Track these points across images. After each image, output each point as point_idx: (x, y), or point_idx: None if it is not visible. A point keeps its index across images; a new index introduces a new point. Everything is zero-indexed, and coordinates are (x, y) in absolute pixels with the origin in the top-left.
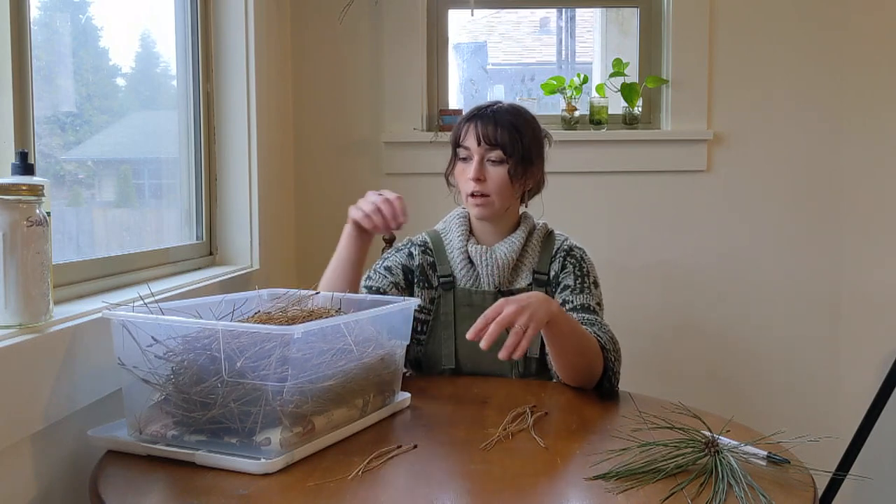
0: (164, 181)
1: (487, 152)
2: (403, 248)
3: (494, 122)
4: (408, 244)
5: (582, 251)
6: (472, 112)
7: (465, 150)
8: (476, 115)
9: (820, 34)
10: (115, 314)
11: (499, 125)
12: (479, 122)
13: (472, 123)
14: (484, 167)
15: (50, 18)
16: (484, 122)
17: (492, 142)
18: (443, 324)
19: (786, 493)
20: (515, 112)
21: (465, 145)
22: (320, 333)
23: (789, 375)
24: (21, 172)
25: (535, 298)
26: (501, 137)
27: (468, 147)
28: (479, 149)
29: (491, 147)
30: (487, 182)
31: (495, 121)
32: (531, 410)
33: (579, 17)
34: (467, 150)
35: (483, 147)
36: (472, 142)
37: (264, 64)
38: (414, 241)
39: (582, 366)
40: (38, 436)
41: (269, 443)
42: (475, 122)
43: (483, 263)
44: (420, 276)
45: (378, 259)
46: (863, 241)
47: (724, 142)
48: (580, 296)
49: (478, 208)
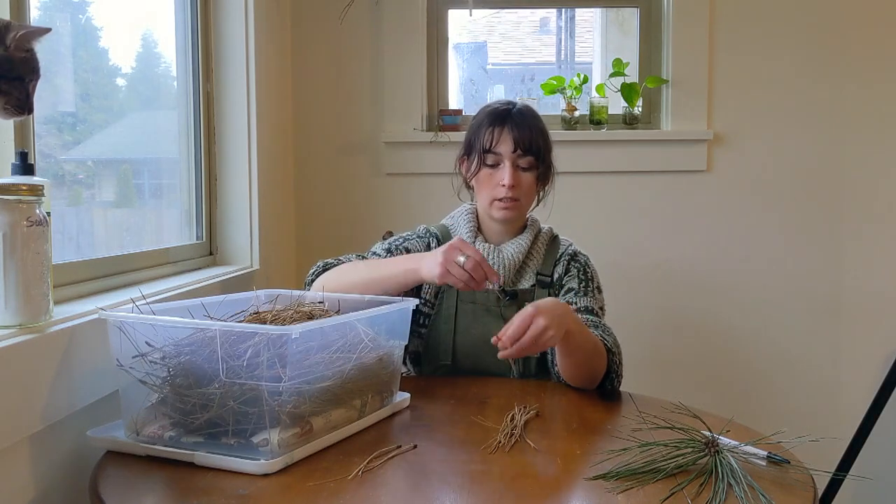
0: (164, 181)
1: (519, 159)
2: (424, 237)
3: (528, 128)
4: (426, 234)
5: (586, 257)
6: (495, 115)
7: (495, 156)
8: (503, 118)
9: (820, 34)
10: (111, 315)
11: (531, 131)
12: (513, 128)
13: (502, 128)
14: (518, 173)
15: (50, 18)
16: (518, 128)
17: (526, 148)
18: (444, 318)
19: (786, 493)
20: (535, 115)
21: (496, 151)
22: (318, 334)
23: (789, 375)
24: (21, 172)
25: (560, 311)
26: (535, 144)
27: (499, 153)
28: (512, 155)
29: (524, 153)
30: (518, 188)
31: (528, 127)
32: (522, 411)
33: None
34: (498, 155)
35: (517, 154)
36: (507, 148)
37: (264, 64)
38: (431, 232)
39: (587, 369)
40: (37, 436)
41: (266, 443)
42: (507, 127)
43: (489, 262)
44: None
45: (397, 235)
46: (863, 241)
47: (724, 142)
48: (584, 298)
49: (505, 211)
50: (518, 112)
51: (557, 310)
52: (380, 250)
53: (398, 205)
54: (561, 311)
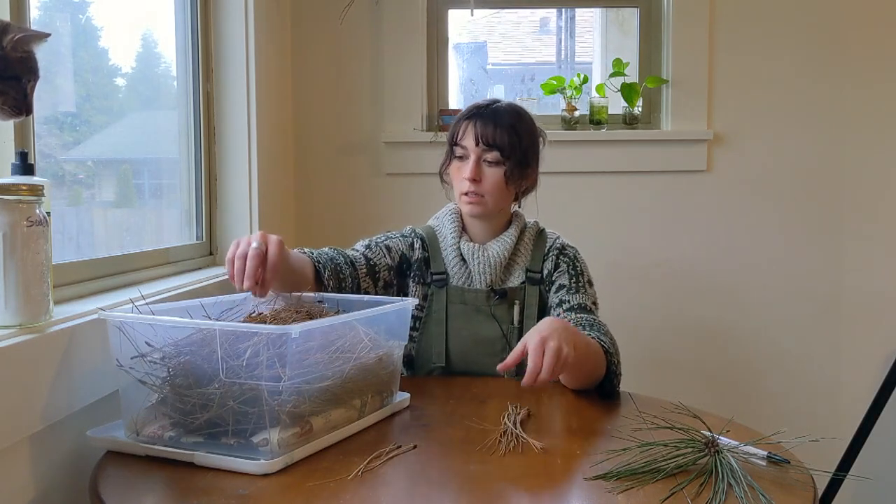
0: (164, 181)
1: (485, 153)
2: (408, 237)
3: (494, 123)
4: (412, 234)
5: (574, 250)
6: (471, 110)
7: (462, 149)
8: (475, 113)
9: (820, 34)
10: (111, 315)
11: (498, 126)
12: (479, 122)
13: (470, 122)
14: (480, 167)
15: (50, 18)
16: (483, 122)
17: (490, 143)
18: (435, 321)
19: (786, 493)
20: (515, 113)
21: (462, 144)
22: (318, 333)
23: (789, 375)
24: (21, 172)
25: (561, 327)
26: (500, 139)
27: (465, 146)
28: (476, 149)
29: (488, 148)
30: (482, 182)
31: (495, 122)
32: (515, 410)
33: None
34: (464, 148)
35: (480, 147)
36: (470, 141)
37: (264, 64)
38: (416, 233)
39: (588, 375)
40: (37, 436)
41: (266, 443)
42: (474, 122)
43: (475, 262)
44: (416, 270)
45: (381, 234)
46: (863, 241)
47: (724, 142)
48: (576, 295)
49: (470, 206)
50: (493, 109)
51: (558, 326)
52: (360, 246)
53: (398, 205)
54: (562, 327)
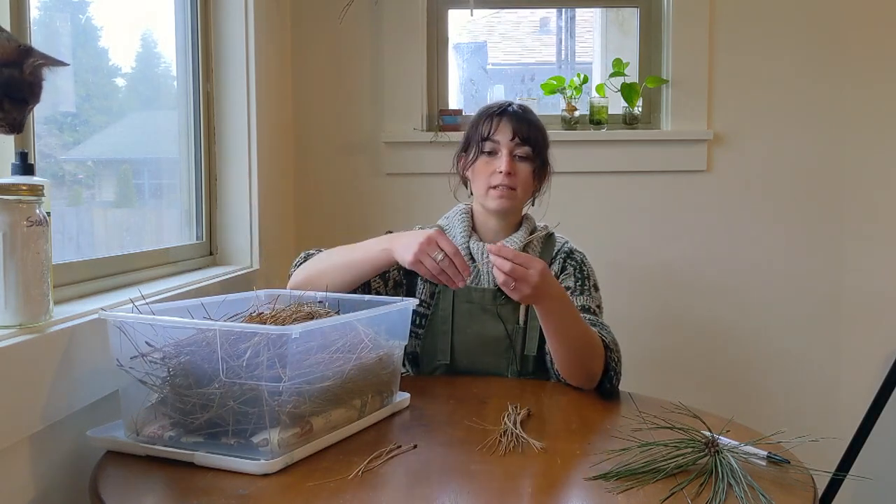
0: (164, 181)
1: (517, 147)
2: None
3: (526, 120)
4: None
5: (582, 255)
6: (494, 109)
7: (493, 144)
8: (503, 111)
9: (820, 34)
10: (111, 315)
11: (529, 123)
12: (512, 119)
13: (501, 119)
14: (514, 161)
15: (50, 18)
16: (517, 119)
17: (524, 138)
18: (441, 318)
19: (786, 493)
20: (533, 113)
21: (494, 139)
22: (318, 333)
23: (789, 375)
24: (21, 172)
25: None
26: (532, 135)
27: (498, 140)
28: (510, 143)
29: (522, 143)
30: (514, 176)
31: (526, 119)
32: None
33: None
34: (496, 143)
35: (515, 142)
36: (505, 136)
37: (264, 64)
38: None
39: (582, 360)
40: (37, 436)
41: (266, 443)
42: (506, 118)
43: (484, 260)
44: None
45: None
46: (863, 241)
47: (724, 142)
48: (581, 297)
49: (501, 199)
50: (519, 107)
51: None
52: None
53: (398, 205)
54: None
